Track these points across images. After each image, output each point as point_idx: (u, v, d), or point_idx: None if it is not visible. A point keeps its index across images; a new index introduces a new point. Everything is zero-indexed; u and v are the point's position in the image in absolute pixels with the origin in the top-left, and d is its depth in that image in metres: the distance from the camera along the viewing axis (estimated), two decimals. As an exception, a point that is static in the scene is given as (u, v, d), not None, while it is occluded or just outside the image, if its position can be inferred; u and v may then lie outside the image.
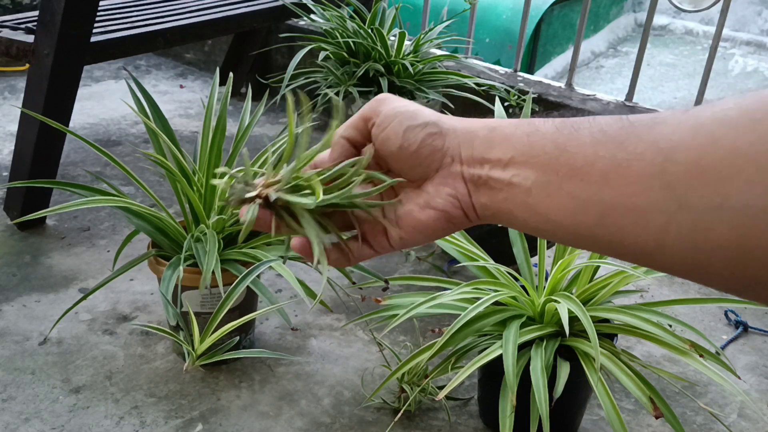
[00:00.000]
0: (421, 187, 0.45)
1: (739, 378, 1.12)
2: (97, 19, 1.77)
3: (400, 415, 1.21)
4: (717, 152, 0.33)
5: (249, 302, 1.31)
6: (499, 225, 0.45)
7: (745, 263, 0.33)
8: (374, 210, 0.46)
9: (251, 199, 0.44)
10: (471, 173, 0.43)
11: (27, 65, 1.85)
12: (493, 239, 1.34)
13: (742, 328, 1.52)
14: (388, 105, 0.46)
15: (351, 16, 1.87)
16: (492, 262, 1.17)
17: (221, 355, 1.20)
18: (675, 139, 0.35)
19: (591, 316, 1.02)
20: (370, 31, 1.76)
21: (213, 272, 1.13)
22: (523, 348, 1.06)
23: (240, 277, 1.15)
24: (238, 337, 1.27)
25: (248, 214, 0.43)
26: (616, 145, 0.37)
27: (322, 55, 1.74)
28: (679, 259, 0.36)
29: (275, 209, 0.45)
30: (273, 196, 0.44)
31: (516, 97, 1.78)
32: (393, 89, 1.73)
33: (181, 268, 1.14)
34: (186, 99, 2.59)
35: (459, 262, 1.18)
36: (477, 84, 1.77)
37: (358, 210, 0.46)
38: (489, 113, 1.89)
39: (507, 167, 0.42)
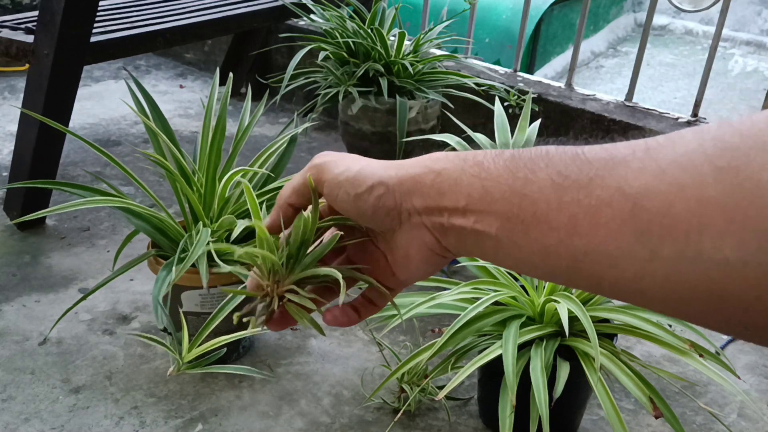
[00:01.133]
0: (395, 237, 0.45)
1: (738, 378, 1.12)
2: (97, 19, 1.77)
3: (399, 415, 1.21)
4: (685, 202, 0.32)
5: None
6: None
7: (724, 309, 0.32)
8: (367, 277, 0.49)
9: (269, 307, 0.48)
10: (433, 222, 0.42)
11: (27, 65, 1.85)
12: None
13: (742, 328, 1.52)
14: (329, 173, 0.45)
15: (351, 16, 1.86)
16: (492, 262, 1.17)
17: (203, 368, 1.17)
18: (640, 185, 0.34)
19: (591, 316, 1.02)
20: (369, 31, 1.76)
21: (211, 272, 1.13)
22: (523, 348, 1.06)
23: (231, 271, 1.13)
24: (225, 350, 1.24)
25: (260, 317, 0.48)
26: (578, 189, 0.36)
27: (321, 55, 1.74)
28: (658, 303, 0.35)
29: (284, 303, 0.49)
30: (285, 298, 0.48)
31: (516, 97, 1.78)
32: (393, 89, 1.73)
33: (174, 268, 1.14)
34: (186, 99, 2.59)
35: (459, 262, 1.18)
36: (477, 84, 1.77)
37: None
38: (489, 113, 1.89)
39: (466, 214, 0.41)
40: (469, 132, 1.40)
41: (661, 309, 0.36)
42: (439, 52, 2.04)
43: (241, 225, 0.62)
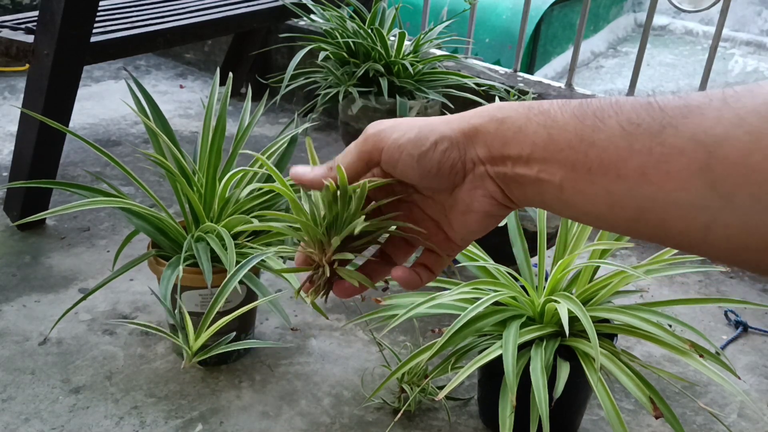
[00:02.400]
0: (454, 194, 0.44)
1: (739, 378, 1.11)
2: (97, 19, 1.77)
3: (400, 415, 1.21)
4: (764, 150, 0.32)
5: (249, 302, 1.31)
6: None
7: None
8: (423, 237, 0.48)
9: (323, 276, 0.48)
10: (496, 171, 0.42)
11: (27, 65, 1.85)
12: (492, 239, 1.34)
13: (742, 328, 1.52)
14: (387, 139, 0.44)
15: (351, 17, 1.86)
16: (492, 262, 1.17)
17: (216, 349, 1.19)
18: (717, 134, 0.33)
19: (591, 316, 1.02)
20: (370, 31, 1.76)
21: (213, 273, 1.13)
22: (523, 348, 1.05)
23: (233, 271, 1.13)
24: (234, 332, 1.26)
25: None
26: (650, 137, 0.35)
27: (322, 55, 1.74)
28: (727, 254, 0.35)
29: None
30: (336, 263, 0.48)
31: (516, 97, 1.78)
32: (393, 89, 1.73)
33: (180, 268, 1.14)
34: (186, 99, 2.59)
35: (459, 262, 1.18)
36: (477, 84, 1.77)
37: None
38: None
39: (530, 163, 0.40)
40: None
41: (729, 260, 0.35)
42: (439, 53, 2.04)
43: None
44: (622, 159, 0.36)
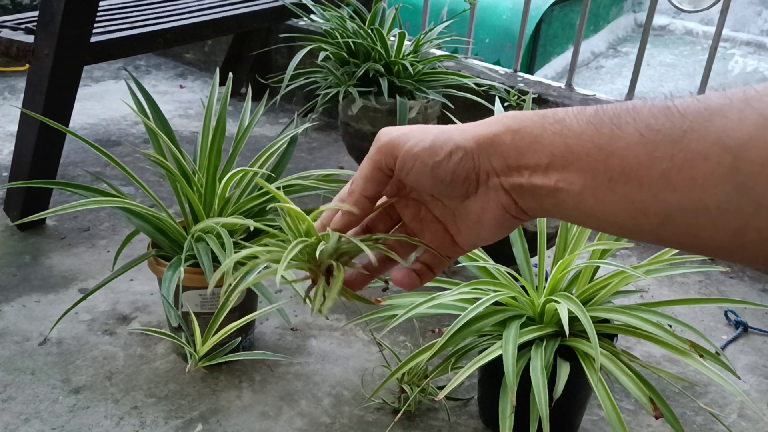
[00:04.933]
0: (465, 203, 0.44)
1: (739, 378, 1.12)
2: (97, 19, 1.77)
3: (400, 415, 1.21)
4: None
5: (249, 302, 1.31)
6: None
7: None
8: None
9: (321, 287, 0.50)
10: (511, 183, 0.41)
11: (27, 65, 1.85)
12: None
13: (742, 328, 1.52)
14: (401, 147, 0.44)
15: (351, 17, 1.86)
16: (492, 262, 1.17)
17: (223, 357, 1.20)
18: (742, 136, 0.32)
19: (591, 317, 1.02)
20: (370, 31, 1.76)
21: (214, 272, 1.13)
22: (523, 348, 1.06)
23: (239, 276, 1.14)
24: (239, 338, 1.27)
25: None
26: (671, 143, 0.34)
27: (322, 55, 1.74)
28: (763, 257, 0.34)
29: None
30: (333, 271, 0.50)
31: (516, 97, 1.78)
32: (393, 89, 1.73)
33: (181, 268, 1.14)
34: (186, 99, 2.59)
35: (459, 262, 1.18)
36: (477, 84, 1.77)
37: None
38: (489, 113, 1.89)
39: (548, 172, 0.39)
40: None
41: (762, 261, 0.34)
42: (439, 53, 2.04)
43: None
44: (643, 167, 0.35)
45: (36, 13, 1.68)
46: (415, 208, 0.49)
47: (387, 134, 0.45)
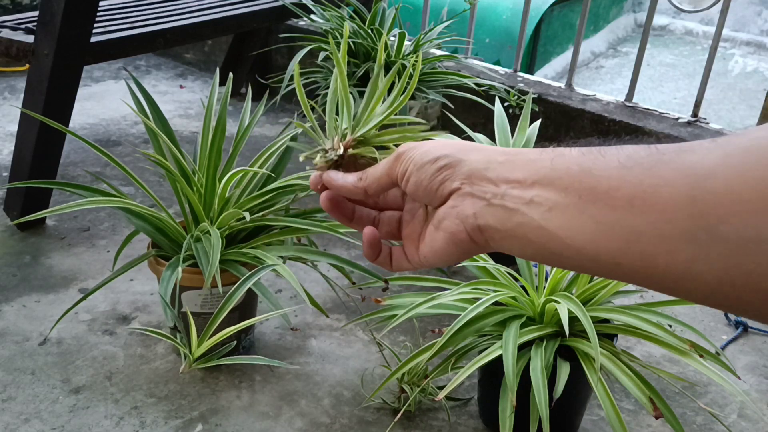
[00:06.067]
0: (437, 211, 0.46)
1: (739, 378, 1.12)
2: (97, 19, 1.77)
3: (400, 415, 1.21)
4: (748, 183, 0.32)
5: (249, 303, 1.31)
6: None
7: None
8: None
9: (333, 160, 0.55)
10: (483, 190, 0.43)
11: (27, 65, 1.85)
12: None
13: (742, 328, 1.52)
14: (407, 154, 0.47)
15: (351, 17, 1.86)
16: (492, 262, 1.17)
17: (218, 360, 1.20)
18: (704, 167, 0.34)
19: (591, 317, 1.02)
20: (370, 31, 1.76)
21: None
22: (523, 348, 1.06)
23: (242, 278, 1.14)
24: (235, 342, 1.27)
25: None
26: (643, 170, 0.36)
27: (322, 55, 1.74)
28: (709, 291, 0.34)
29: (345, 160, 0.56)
30: (349, 152, 0.55)
31: (516, 97, 1.78)
32: (393, 89, 1.73)
33: (179, 268, 1.14)
34: (186, 99, 2.59)
35: (459, 262, 1.18)
36: (477, 84, 1.77)
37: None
38: (489, 113, 1.89)
39: (530, 188, 0.41)
40: (469, 132, 1.40)
41: (712, 299, 0.35)
42: (439, 53, 2.04)
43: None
44: (613, 188, 0.37)
45: (36, 13, 1.68)
46: (411, 204, 0.53)
47: (406, 145, 0.49)
